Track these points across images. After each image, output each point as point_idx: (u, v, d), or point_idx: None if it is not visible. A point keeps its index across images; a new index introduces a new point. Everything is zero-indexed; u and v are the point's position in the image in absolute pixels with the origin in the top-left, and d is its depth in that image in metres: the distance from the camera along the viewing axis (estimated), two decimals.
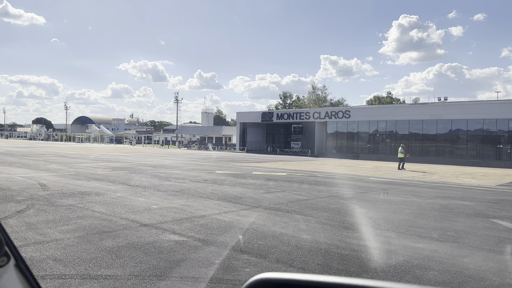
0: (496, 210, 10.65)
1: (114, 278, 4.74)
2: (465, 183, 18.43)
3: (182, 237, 6.79)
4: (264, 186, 14.77)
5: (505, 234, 7.78)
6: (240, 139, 56.31)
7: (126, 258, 5.52)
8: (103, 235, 6.76)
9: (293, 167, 25.89)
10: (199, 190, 13.00)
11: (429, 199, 12.64)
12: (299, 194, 12.71)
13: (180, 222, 7.99)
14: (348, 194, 13.37)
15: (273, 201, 11.05)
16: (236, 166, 25.24)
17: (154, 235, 6.87)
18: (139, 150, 51.49)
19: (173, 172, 19.43)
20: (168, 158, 33.89)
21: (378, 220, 8.82)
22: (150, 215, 8.60)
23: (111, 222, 7.75)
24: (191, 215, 8.75)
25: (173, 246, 6.18)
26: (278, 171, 22.11)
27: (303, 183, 16.29)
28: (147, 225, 7.58)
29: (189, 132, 75.34)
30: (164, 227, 7.46)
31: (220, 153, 48.22)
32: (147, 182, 14.91)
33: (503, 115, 35.59)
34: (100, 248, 5.97)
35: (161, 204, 10.08)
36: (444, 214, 9.90)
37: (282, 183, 15.98)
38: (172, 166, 23.63)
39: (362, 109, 48.59)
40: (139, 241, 6.44)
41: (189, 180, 15.86)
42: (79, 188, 12.66)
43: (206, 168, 22.79)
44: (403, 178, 20.06)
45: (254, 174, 19.93)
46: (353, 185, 16.10)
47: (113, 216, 8.34)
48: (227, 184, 14.86)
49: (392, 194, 13.73)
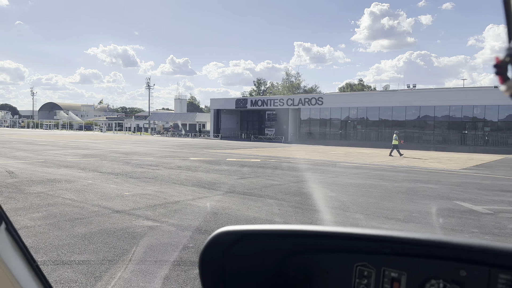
0: (459, 193, 11.18)
1: (87, 263, 4.75)
2: (431, 167, 19.16)
3: (156, 222, 6.83)
4: (238, 172, 14.89)
5: (466, 215, 8.22)
6: (214, 126, 56.12)
7: (99, 243, 5.53)
8: (74, 222, 6.70)
9: (267, 154, 26.12)
10: (173, 176, 12.98)
11: (396, 182, 13.11)
12: (272, 180, 12.90)
13: (154, 208, 8.01)
14: (320, 178, 13.68)
15: (247, 187, 11.19)
16: (210, 153, 25.22)
17: (128, 221, 6.87)
18: (110, 137, 50.46)
19: (146, 159, 19.24)
20: (141, 145, 33.44)
21: (348, 203, 9.12)
22: (122, 201, 8.56)
23: (82, 209, 7.68)
24: (164, 201, 8.76)
25: (147, 232, 6.22)
26: (252, 158, 22.27)
27: (277, 169, 16.52)
28: (120, 212, 7.56)
29: (162, 119, 74.35)
30: (137, 213, 7.46)
31: (194, 140, 47.95)
32: (119, 169, 14.73)
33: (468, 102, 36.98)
34: (72, 234, 5.93)
35: (134, 190, 10.03)
36: (410, 196, 10.33)
37: (256, 169, 16.14)
38: (144, 153, 23.37)
39: (335, 96, 49.32)
40: (112, 227, 6.44)
41: (162, 167, 15.78)
42: (49, 175, 12.39)
43: (179, 155, 22.67)
44: (372, 163, 20.63)
45: (228, 160, 20.01)
46: (325, 170, 16.45)
47: (84, 203, 8.26)
48: (201, 171, 14.89)
49: (362, 178, 14.14)
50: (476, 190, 11.67)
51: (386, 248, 0.96)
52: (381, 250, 0.97)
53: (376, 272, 0.98)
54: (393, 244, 0.93)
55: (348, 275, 1.01)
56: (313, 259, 1.08)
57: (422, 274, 0.91)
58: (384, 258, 0.96)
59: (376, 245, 0.96)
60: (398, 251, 0.96)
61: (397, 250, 0.96)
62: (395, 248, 0.95)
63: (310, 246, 1.08)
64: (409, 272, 0.92)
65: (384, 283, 0.96)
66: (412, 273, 0.92)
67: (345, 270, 1.01)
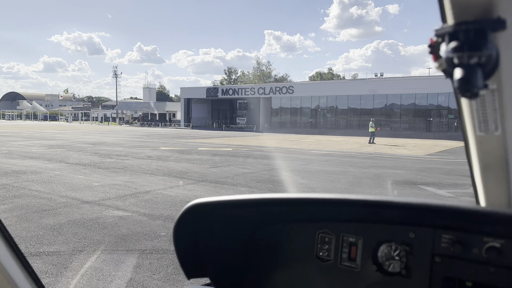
0: (424, 177, 11.65)
1: (57, 254, 4.68)
2: (398, 154, 19.80)
3: (126, 212, 6.77)
4: (210, 161, 14.88)
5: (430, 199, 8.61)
6: (185, 115, 55.49)
7: (69, 234, 5.44)
8: (42, 213, 6.55)
9: (238, 143, 26.17)
10: (143, 166, 12.83)
11: (364, 168, 13.49)
12: (244, 168, 12.98)
13: (124, 198, 7.92)
14: (291, 166, 13.89)
15: (219, 175, 11.22)
16: (181, 143, 25.02)
17: (97, 211, 6.78)
18: (77, 127, 49.03)
19: (115, 149, 18.88)
20: (109, 135, 32.70)
21: (317, 190, 9.34)
22: (91, 192, 8.42)
23: (50, 201, 7.50)
24: (135, 191, 8.68)
25: (117, 222, 6.16)
26: (224, 147, 22.26)
27: (249, 157, 16.61)
28: (89, 202, 7.44)
29: (130, 108, 72.74)
30: (107, 204, 7.37)
31: (164, 130, 47.32)
32: (86, 159, 14.40)
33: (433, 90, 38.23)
34: (40, 226, 5.81)
35: (103, 181, 9.86)
36: (377, 182, 10.68)
37: (228, 157, 16.18)
38: (113, 143, 22.90)
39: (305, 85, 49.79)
40: (81, 218, 6.34)
41: (132, 157, 15.54)
42: (13, 167, 11.96)
43: (149, 145, 22.37)
44: (341, 150, 21.10)
45: (199, 150, 19.92)
46: (296, 158, 16.70)
47: (52, 195, 8.06)
48: (172, 160, 14.78)
49: (332, 165, 14.46)
50: (440, 175, 12.18)
51: (344, 214, 1.05)
52: (339, 216, 1.07)
53: (336, 238, 1.09)
54: (351, 208, 1.02)
55: (311, 242, 1.11)
56: (280, 230, 1.17)
57: (376, 238, 1.03)
58: (343, 225, 1.07)
59: (334, 210, 1.06)
60: (355, 215, 1.06)
61: (354, 214, 1.06)
62: (352, 212, 1.05)
63: (276, 215, 1.16)
64: (365, 236, 1.04)
65: (343, 248, 1.07)
66: (367, 238, 1.04)
67: (309, 237, 1.12)
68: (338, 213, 1.07)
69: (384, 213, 1.00)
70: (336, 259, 1.08)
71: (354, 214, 1.05)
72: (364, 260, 1.04)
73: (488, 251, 0.89)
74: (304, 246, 1.12)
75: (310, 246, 1.12)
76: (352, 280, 1.05)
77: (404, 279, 0.99)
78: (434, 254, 0.96)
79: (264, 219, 1.19)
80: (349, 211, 1.05)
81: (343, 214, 1.07)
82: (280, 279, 1.16)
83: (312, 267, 1.11)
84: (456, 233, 0.95)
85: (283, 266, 1.15)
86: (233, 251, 1.22)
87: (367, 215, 1.04)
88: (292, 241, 1.15)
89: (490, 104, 0.74)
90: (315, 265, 1.10)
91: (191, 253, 1.17)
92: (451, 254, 0.94)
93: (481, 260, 0.91)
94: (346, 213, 1.07)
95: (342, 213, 1.07)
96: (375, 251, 1.03)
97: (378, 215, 1.02)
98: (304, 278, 1.11)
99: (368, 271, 1.03)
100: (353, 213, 1.05)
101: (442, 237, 0.96)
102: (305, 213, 1.12)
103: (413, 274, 0.98)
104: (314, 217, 1.12)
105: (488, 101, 0.74)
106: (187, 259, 1.16)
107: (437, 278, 0.95)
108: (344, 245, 1.07)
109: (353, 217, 1.06)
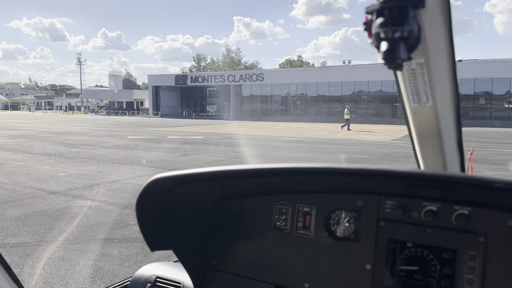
0: (389, 161, 12.04)
1: (23, 245, 4.58)
2: (365, 139, 20.32)
3: (94, 202, 6.67)
4: (180, 149, 14.77)
5: None
6: (153, 104, 54.47)
7: (35, 225, 5.32)
8: (6, 205, 6.35)
9: (209, 131, 26.04)
10: (111, 156, 12.59)
11: (332, 154, 13.79)
12: (215, 156, 12.98)
13: (92, 188, 7.78)
14: (262, 153, 14.00)
15: (190, 163, 11.18)
16: (150, 131, 24.63)
17: (64, 201, 6.64)
18: (40, 117, 47.23)
19: (81, 139, 18.38)
20: (74, 124, 31.73)
21: None
22: (57, 182, 8.21)
23: (14, 192, 7.27)
24: (103, 180, 8.53)
25: (85, 212, 6.07)
26: (194, 135, 22.11)
27: (219, 145, 16.59)
28: (55, 193, 7.27)
29: (96, 97, 70.62)
30: (74, 194, 7.22)
31: (132, 118, 46.35)
32: (51, 149, 13.96)
33: None
34: (4, 217, 5.63)
35: (69, 171, 9.62)
36: None
37: (199, 145, 16.10)
38: (79, 133, 22.27)
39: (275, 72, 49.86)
40: (47, 208, 6.19)
41: (99, 147, 15.19)
42: None
43: (117, 134, 21.89)
44: (311, 137, 21.42)
45: (169, 138, 19.70)
46: (267, 145, 16.83)
47: (16, 186, 7.81)
48: (141, 149, 14.56)
49: (301, 151, 14.68)
50: (404, 158, 12.63)
51: (299, 185, 1.14)
52: (294, 187, 1.16)
53: (292, 208, 1.18)
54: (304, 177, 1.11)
55: (269, 213, 1.20)
56: (240, 204, 1.24)
57: (328, 207, 1.13)
58: (298, 196, 1.16)
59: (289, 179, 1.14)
60: (309, 185, 1.15)
61: (308, 183, 1.15)
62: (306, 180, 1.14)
63: (237, 190, 1.23)
64: (318, 206, 1.14)
65: (298, 217, 1.17)
66: (320, 207, 1.14)
67: (267, 210, 1.21)
68: (294, 184, 1.15)
69: (334, 180, 1.09)
70: (292, 228, 1.17)
71: (307, 181, 1.13)
72: (317, 228, 1.13)
73: (426, 214, 0.99)
74: (263, 218, 1.21)
75: (269, 217, 1.20)
76: (307, 246, 1.14)
77: (352, 243, 1.08)
78: (379, 219, 1.06)
79: (225, 193, 1.26)
80: (303, 180, 1.13)
81: (298, 184, 1.15)
82: (240, 250, 1.23)
83: (270, 236, 1.19)
84: (398, 199, 1.04)
85: (243, 237, 1.23)
86: (196, 225, 1.28)
87: (319, 184, 1.13)
88: (252, 214, 1.23)
89: (421, 77, 0.82)
90: (273, 235, 1.18)
91: (154, 227, 1.22)
92: (394, 218, 1.04)
93: (420, 222, 1.01)
94: (301, 182, 1.15)
95: (298, 184, 1.15)
96: (327, 219, 1.12)
97: (329, 184, 1.11)
98: (263, 248, 1.20)
99: (320, 237, 1.13)
100: (306, 181, 1.14)
101: (386, 203, 1.06)
102: (263, 185, 1.19)
103: (361, 238, 1.07)
104: (272, 189, 1.20)
105: (419, 75, 0.81)
106: (150, 232, 1.22)
107: (381, 240, 1.05)
108: (299, 214, 1.16)
109: (306, 187, 1.15)
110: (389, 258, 1.03)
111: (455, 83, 0.87)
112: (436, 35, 0.74)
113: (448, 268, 0.97)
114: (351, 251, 1.08)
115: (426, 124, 0.99)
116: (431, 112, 0.94)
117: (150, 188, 1.14)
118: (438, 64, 0.80)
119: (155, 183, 1.13)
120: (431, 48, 0.75)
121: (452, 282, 0.96)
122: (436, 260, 0.98)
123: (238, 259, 1.23)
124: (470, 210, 0.96)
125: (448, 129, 1.00)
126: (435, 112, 0.93)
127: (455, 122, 0.99)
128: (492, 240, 0.93)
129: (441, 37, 0.75)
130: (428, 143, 1.07)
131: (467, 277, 0.95)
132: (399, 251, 1.03)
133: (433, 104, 0.90)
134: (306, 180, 1.13)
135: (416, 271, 1.00)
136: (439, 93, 0.87)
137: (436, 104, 0.90)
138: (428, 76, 0.82)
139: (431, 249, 0.99)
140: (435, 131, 1.00)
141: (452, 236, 0.97)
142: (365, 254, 1.06)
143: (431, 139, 1.04)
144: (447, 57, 0.80)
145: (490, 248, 0.93)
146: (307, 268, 1.13)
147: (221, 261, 1.25)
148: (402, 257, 1.02)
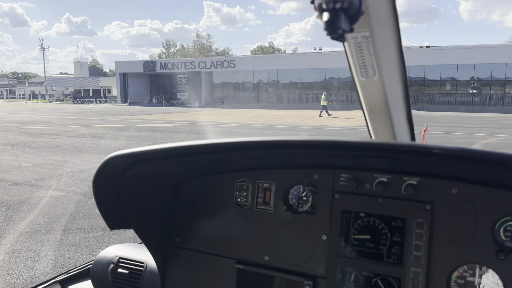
0: None
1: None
2: (336, 126, 20.63)
3: (61, 192, 6.48)
4: (150, 137, 14.52)
5: None
6: (121, 91, 53.09)
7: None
8: None
9: (180, 118, 25.70)
10: (77, 145, 12.22)
11: None
12: None
13: (58, 178, 7.55)
14: None
15: None
16: (119, 119, 24.06)
17: (29, 192, 6.42)
18: (1, 106, 45.19)
19: (45, 128, 17.73)
20: (38, 113, 30.57)
21: None
22: (21, 173, 7.91)
23: None
24: (69, 170, 8.29)
25: (52, 202, 5.89)
26: (165, 123, 21.77)
27: (191, 133, 16.42)
28: (19, 183, 7.00)
29: (60, 84, 68.10)
30: (39, 184, 6.98)
31: (99, 107, 45.10)
32: (14, 139, 13.41)
33: None
34: None
35: (33, 161, 9.28)
36: None
37: (169, 133, 15.88)
38: (43, 122, 21.47)
39: (247, 59, 49.61)
40: (11, 199, 5.96)
41: (64, 136, 14.71)
42: None
43: (84, 123, 21.27)
44: (283, 124, 21.54)
45: (138, 126, 19.32)
46: (239, 132, 16.80)
47: None
48: (109, 138, 14.21)
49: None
50: None
51: (256, 160, 1.15)
52: (253, 163, 1.16)
53: (252, 185, 1.21)
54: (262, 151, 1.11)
55: (231, 190, 1.21)
56: (202, 182, 1.24)
57: (287, 182, 1.16)
58: (258, 172, 1.18)
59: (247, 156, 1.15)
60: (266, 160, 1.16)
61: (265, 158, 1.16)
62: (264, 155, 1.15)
63: (198, 168, 1.22)
64: (277, 181, 1.18)
65: (259, 193, 1.20)
66: (279, 182, 1.17)
67: (228, 187, 1.22)
68: (251, 159, 1.16)
69: (290, 155, 1.11)
70: (252, 203, 1.20)
71: (264, 155, 1.15)
72: (276, 203, 1.17)
73: (377, 185, 1.03)
74: (224, 195, 1.23)
75: (230, 194, 1.22)
76: (267, 220, 1.17)
77: (310, 216, 1.12)
78: (334, 191, 1.10)
79: (186, 171, 1.25)
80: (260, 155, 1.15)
81: (255, 160, 1.17)
82: (203, 227, 1.25)
83: (231, 212, 1.21)
84: (352, 171, 1.08)
85: (205, 215, 1.25)
86: (157, 203, 1.26)
87: (276, 160, 1.15)
88: (214, 191, 1.24)
89: (367, 50, 0.83)
90: (234, 211, 1.21)
91: (112, 205, 1.20)
92: (348, 190, 1.08)
93: (372, 193, 1.05)
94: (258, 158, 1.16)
95: (254, 158, 1.17)
96: (286, 193, 1.16)
97: (286, 160, 1.14)
98: (224, 224, 1.22)
99: (279, 211, 1.16)
100: (263, 156, 1.15)
101: (341, 176, 1.10)
102: (223, 162, 1.20)
103: (317, 211, 1.11)
104: (232, 166, 1.21)
105: (365, 48, 0.82)
106: (108, 211, 1.20)
107: (336, 212, 1.09)
108: (259, 190, 1.20)
109: (264, 162, 1.17)
110: (343, 229, 1.08)
111: (401, 56, 0.89)
112: (380, 8, 0.74)
113: (398, 236, 1.01)
114: (308, 223, 1.12)
115: (375, 97, 1.02)
116: (379, 85, 0.96)
117: (106, 165, 1.11)
118: (382, 37, 0.81)
119: (112, 160, 1.10)
120: (375, 21, 0.76)
121: (402, 248, 1.01)
122: (387, 228, 1.03)
123: (201, 236, 1.24)
124: (418, 180, 1.00)
125: (396, 102, 1.03)
126: (383, 85, 0.95)
127: (403, 95, 1.01)
128: (438, 207, 0.98)
129: (385, 10, 0.75)
130: (377, 116, 1.10)
131: (415, 243, 1.00)
132: (352, 221, 1.07)
133: (380, 77, 0.91)
134: (264, 154, 1.14)
135: (369, 240, 1.05)
136: (385, 67, 0.89)
137: (383, 77, 0.92)
138: (374, 50, 0.82)
139: (382, 218, 1.03)
140: (383, 104, 1.03)
141: (401, 206, 1.01)
142: (321, 226, 1.10)
143: (380, 112, 1.07)
144: (391, 31, 0.81)
145: (436, 215, 0.98)
146: (267, 241, 1.16)
147: (183, 239, 1.26)
148: (355, 226, 1.06)
